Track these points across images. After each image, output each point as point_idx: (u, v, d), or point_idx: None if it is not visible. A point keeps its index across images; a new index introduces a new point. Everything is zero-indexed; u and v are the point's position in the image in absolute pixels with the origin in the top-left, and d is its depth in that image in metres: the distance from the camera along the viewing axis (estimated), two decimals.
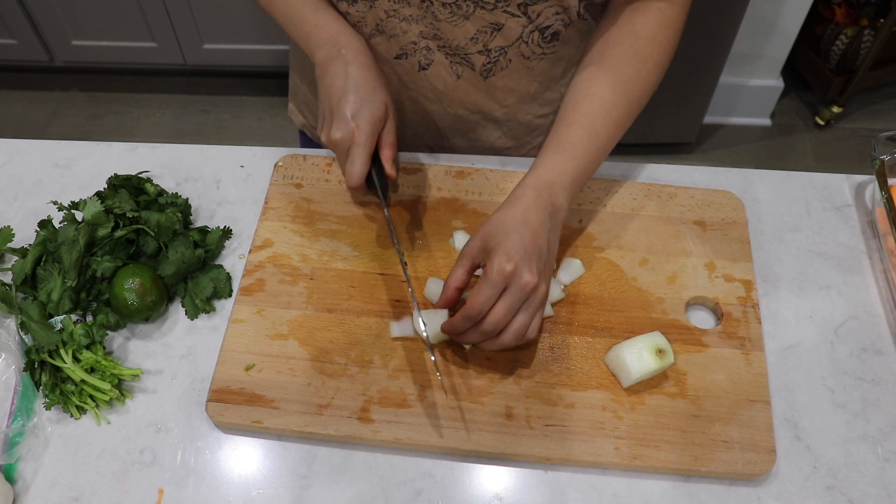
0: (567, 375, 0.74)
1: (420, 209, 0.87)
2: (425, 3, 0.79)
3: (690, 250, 0.84)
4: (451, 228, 0.85)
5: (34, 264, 0.79)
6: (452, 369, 0.75)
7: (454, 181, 0.89)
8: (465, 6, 0.79)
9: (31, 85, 2.50)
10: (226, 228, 0.86)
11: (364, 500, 0.69)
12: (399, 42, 0.84)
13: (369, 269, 0.82)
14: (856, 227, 0.88)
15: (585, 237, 0.85)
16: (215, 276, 0.82)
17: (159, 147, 0.96)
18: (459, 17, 0.80)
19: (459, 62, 0.86)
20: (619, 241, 0.84)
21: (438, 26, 0.81)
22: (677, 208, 0.87)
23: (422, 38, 0.83)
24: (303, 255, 0.83)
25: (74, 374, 0.73)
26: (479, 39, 0.83)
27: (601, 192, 0.88)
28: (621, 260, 0.83)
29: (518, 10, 0.79)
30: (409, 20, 0.81)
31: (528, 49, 0.85)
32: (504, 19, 0.80)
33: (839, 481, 0.70)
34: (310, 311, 0.79)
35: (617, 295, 0.80)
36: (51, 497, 0.70)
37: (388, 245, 0.84)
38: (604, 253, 0.83)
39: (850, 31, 2.12)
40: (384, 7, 0.80)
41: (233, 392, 0.73)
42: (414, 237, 0.84)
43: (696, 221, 0.86)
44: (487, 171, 0.90)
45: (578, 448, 0.70)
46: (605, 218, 0.86)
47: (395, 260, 0.82)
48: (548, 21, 0.82)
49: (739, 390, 0.73)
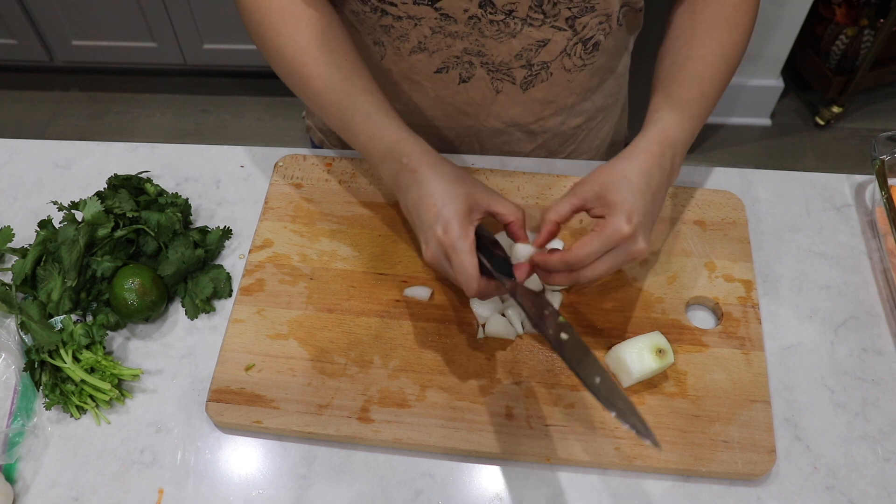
0: (567, 375, 0.74)
1: None
2: (473, 20, 0.78)
3: (690, 250, 0.84)
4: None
5: (34, 264, 0.79)
6: (453, 368, 0.74)
7: None
8: (514, 24, 0.78)
9: (31, 85, 2.50)
10: (226, 228, 0.86)
11: (364, 500, 0.69)
12: (441, 56, 0.83)
13: (369, 269, 0.82)
14: (856, 227, 0.88)
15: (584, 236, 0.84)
16: (215, 276, 0.82)
17: (159, 147, 0.96)
18: (506, 35, 0.79)
19: (501, 78, 0.85)
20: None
21: (484, 43, 0.80)
22: (677, 208, 0.87)
23: (465, 54, 0.82)
24: (303, 255, 0.83)
25: (74, 374, 0.73)
26: (522, 56, 0.82)
27: None
28: None
29: (566, 25, 0.79)
30: (455, 36, 0.80)
31: (570, 62, 0.84)
32: (551, 34, 0.79)
33: (839, 481, 0.70)
34: (310, 311, 0.79)
35: (617, 295, 0.80)
36: (51, 497, 0.70)
37: (388, 245, 0.83)
38: None
39: (850, 31, 2.12)
40: (430, 24, 0.79)
41: (233, 392, 0.73)
42: (413, 237, 0.84)
43: (696, 221, 0.86)
44: (487, 171, 0.90)
45: (578, 448, 0.70)
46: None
47: (395, 260, 0.82)
48: (591, 32, 0.81)
49: (739, 390, 0.73)
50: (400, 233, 0.84)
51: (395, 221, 0.85)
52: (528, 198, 0.87)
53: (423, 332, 0.77)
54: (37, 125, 2.42)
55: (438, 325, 0.77)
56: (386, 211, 0.86)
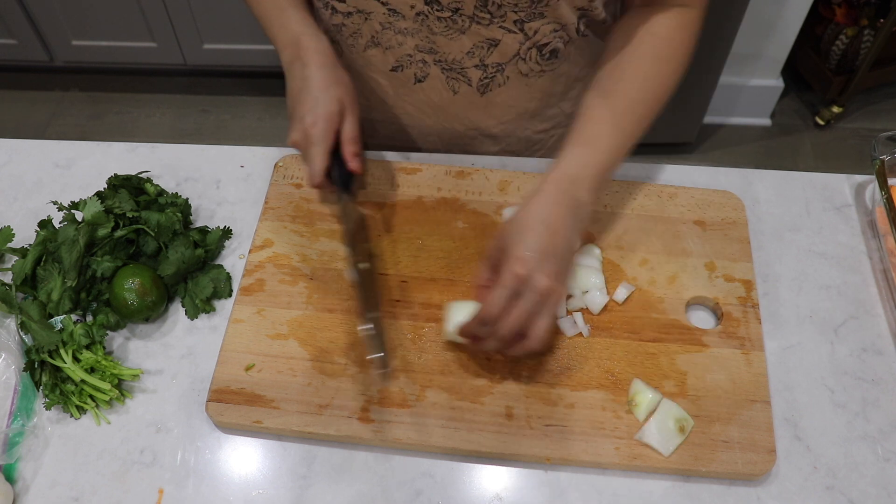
0: (567, 375, 0.74)
1: (420, 209, 0.87)
2: (420, 17, 0.79)
3: (690, 250, 0.83)
4: (451, 229, 0.85)
5: (34, 264, 0.79)
6: (453, 369, 0.74)
7: (454, 181, 0.89)
8: (461, 21, 0.79)
9: (31, 85, 2.50)
10: (226, 228, 0.86)
11: (364, 500, 0.69)
12: (394, 54, 0.84)
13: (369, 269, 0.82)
14: (856, 227, 0.88)
15: (584, 238, 0.84)
16: (215, 276, 0.82)
17: (159, 147, 0.96)
18: (455, 32, 0.80)
19: (455, 77, 0.86)
20: (619, 242, 0.84)
21: (434, 40, 0.81)
22: (677, 208, 0.87)
23: (417, 52, 0.83)
24: (303, 255, 0.83)
25: (74, 374, 0.73)
26: (475, 54, 0.82)
27: (600, 192, 0.87)
28: (621, 260, 0.83)
29: (514, 27, 0.79)
30: (405, 33, 0.81)
31: (526, 66, 0.84)
32: (500, 35, 0.80)
33: (839, 481, 0.70)
34: (310, 311, 0.79)
35: None
36: (51, 497, 0.70)
37: (387, 244, 0.83)
38: (604, 253, 0.83)
39: (850, 31, 2.12)
40: (379, 19, 0.80)
41: (233, 392, 0.73)
42: (414, 237, 0.84)
43: (696, 221, 0.86)
44: (488, 171, 0.90)
45: (578, 448, 0.70)
46: (604, 218, 0.86)
47: (395, 259, 0.82)
48: (545, 38, 0.82)
49: (739, 390, 0.73)
50: (400, 232, 0.85)
51: (395, 221, 0.85)
52: None
53: (422, 333, 0.77)
54: (37, 125, 2.41)
55: (438, 325, 0.77)
56: (385, 210, 0.86)
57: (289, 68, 0.80)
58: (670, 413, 0.71)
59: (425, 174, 0.89)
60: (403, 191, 0.88)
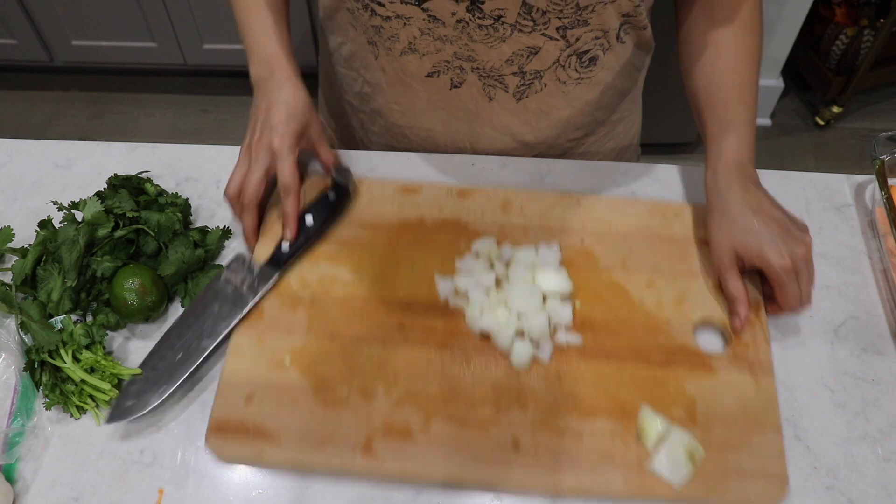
0: (574, 403, 0.72)
1: (422, 231, 0.84)
2: (461, 24, 0.77)
3: (697, 271, 0.81)
4: (453, 251, 0.82)
5: (34, 264, 0.79)
6: (458, 398, 0.72)
7: (456, 201, 0.86)
8: (503, 29, 0.77)
9: (31, 85, 2.50)
10: (226, 228, 0.86)
11: (364, 500, 0.69)
12: (431, 60, 0.83)
13: (370, 295, 0.79)
14: (856, 227, 0.88)
15: (589, 258, 0.82)
16: (215, 276, 0.82)
17: (159, 147, 0.96)
18: (496, 40, 0.79)
19: (492, 84, 0.85)
20: (624, 262, 0.81)
21: (473, 47, 0.80)
22: (683, 227, 0.84)
23: (455, 59, 0.82)
24: (302, 280, 0.81)
25: (74, 374, 0.73)
26: (514, 62, 0.81)
27: (605, 210, 0.85)
28: (627, 282, 0.80)
29: (556, 34, 0.78)
30: (444, 40, 0.80)
31: (564, 73, 0.84)
32: (541, 42, 0.79)
33: (839, 481, 0.70)
34: (310, 339, 0.76)
35: (624, 318, 0.77)
36: (51, 497, 0.70)
37: (388, 268, 0.81)
38: (609, 275, 0.80)
39: (850, 31, 2.12)
40: (418, 25, 0.79)
41: (233, 425, 0.71)
42: (416, 259, 0.81)
43: (703, 240, 0.82)
44: (489, 190, 0.87)
45: (587, 479, 0.68)
46: (608, 237, 0.83)
47: (397, 283, 0.80)
48: (586, 46, 0.81)
49: (750, 417, 0.71)
50: (401, 255, 0.82)
51: (396, 244, 0.83)
52: (532, 216, 0.85)
53: (426, 360, 0.74)
54: (37, 125, 2.42)
55: (442, 351, 0.75)
56: (387, 233, 0.84)
57: (259, 84, 0.84)
58: (680, 442, 0.69)
59: (426, 194, 0.87)
60: (404, 212, 0.86)
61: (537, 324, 0.75)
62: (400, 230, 0.84)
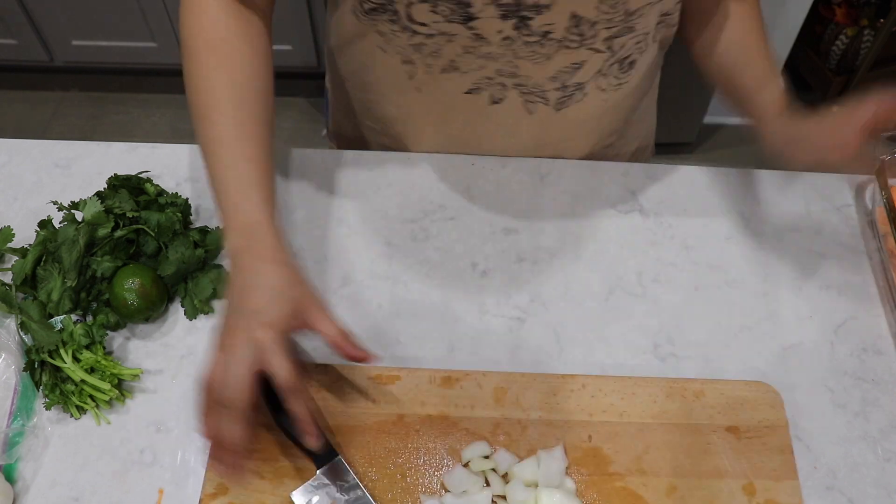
0: None
1: (399, 434, 0.72)
2: (507, 41, 0.75)
3: (725, 469, 0.70)
4: (439, 457, 0.71)
5: (34, 264, 0.79)
6: None
7: (440, 391, 0.74)
8: (549, 45, 0.75)
9: (31, 85, 2.50)
10: None
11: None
12: (472, 77, 0.80)
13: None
14: (856, 227, 0.88)
15: (599, 460, 0.70)
16: (215, 276, 0.82)
17: (159, 147, 0.95)
18: (542, 57, 0.77)
19: (534, 100, 0.83)
20: (640, 464, 0.70)
21: (518, 64, 0.78)
22: (705, 411, 0.73)
23: (498, 75, 0.80)
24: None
25: (74, 374, 0.73)
26: (558, 79, 0.80)
27: (614, 394, 0.74)
28: (644, 489, 0.69)
29: (603, 46, 0.77)
30: (488, 57, 0.77)
31: (605, 81, 0.83)
32: (587, 56, 0.78)
33: (839, 481, 0.70)
34: None
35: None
36: (51, 497, 0.70)
37: (366, 483, 0.69)
38: (623, 481, 0.69)
39: (850, 31, 2.12)
40: (462, 42, 0.76)
41: None
42: (396, 471, 0.70)
43: (727, 428, 0.72)
44: (479, 374, 0.75)
45: None
46: (620, 431, 0.72)
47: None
48: (628, 51, 0.80)
49: None
50: (380, 467, 0.70)
51: (373, 453, 0.71)
52: (531, 407, 0.74)
53: None
54: (37, 125, 2.41)
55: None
56: (358, 437, 0.71)
57: (236, 256, 0.67)
58: None
59: (404, 384, 0.74)
60: (379, 409, 0.73)
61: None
62: (377, 433, 0.72)
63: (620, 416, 0.73)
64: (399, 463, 0.70)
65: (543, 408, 0.73)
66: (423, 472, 0.70)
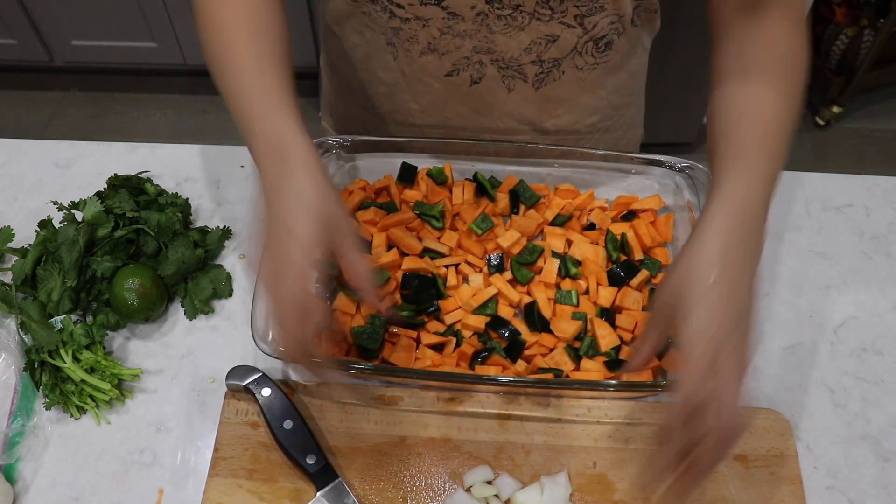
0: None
1: (401, 456, 0.71)
2: (480, 17, 0.78)
3: (731, 499, 0.68)
4: (441, 481, 0.69)
5: (34, 264, 0.79)
6: None
7: (443, 415, 0.73)
8: (521, 18, 0.78)
9: (31, 85, 2.50)
10: (226, 228, 0.86)
11: None
12: (451, 59, 0.83)
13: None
14: (856, 228, 0.88)
15: (604, 488, 0.69)
16: (215, 276, 0.82)
17: (159, 147, 0.96)
18: (515, 29, 0.79)
19: (511, 75, 0.85)
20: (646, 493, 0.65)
21: (493, 38, 0.80)
22: None
23: (475, 53, 0.82)
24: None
25: (74, 374, 0.73)
26: (532, 50, 0.82)
27: (618, 417, 0.72)
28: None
29: (574, 21, 0.79)
30: (463, 35, 0.80)
31: (581, 60, 0.84)
32: (560, 31, 0.80)
33: (839, 481, 0.70)
34: None
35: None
36: (51, 497, 0.70)
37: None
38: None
39: (850, 31, 2.12)
40: (437, 25, 0.79)
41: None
42: (397, 498, 0.68)
43: (736, 457, 0.70)
44: (483, 397, 0.74)
45: None
46: (625, 458, 0.70)
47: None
48: (602, 31, 0.81)
49: None
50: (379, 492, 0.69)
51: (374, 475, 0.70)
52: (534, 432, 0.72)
53: None
54: (37, 125, 2.41)
55: None
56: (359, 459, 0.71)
57: (267, 168, 0.65)
58: None
59: (406, 405, 0.73)
60: (382, 431, 0.72)
61: None
62: (378, 455, 0.71)
63: (626, 442, 0.71)
64: (400, 486, 0.69)
65: (547, 431, 0.72)
66: (424, 497, 0.69)
